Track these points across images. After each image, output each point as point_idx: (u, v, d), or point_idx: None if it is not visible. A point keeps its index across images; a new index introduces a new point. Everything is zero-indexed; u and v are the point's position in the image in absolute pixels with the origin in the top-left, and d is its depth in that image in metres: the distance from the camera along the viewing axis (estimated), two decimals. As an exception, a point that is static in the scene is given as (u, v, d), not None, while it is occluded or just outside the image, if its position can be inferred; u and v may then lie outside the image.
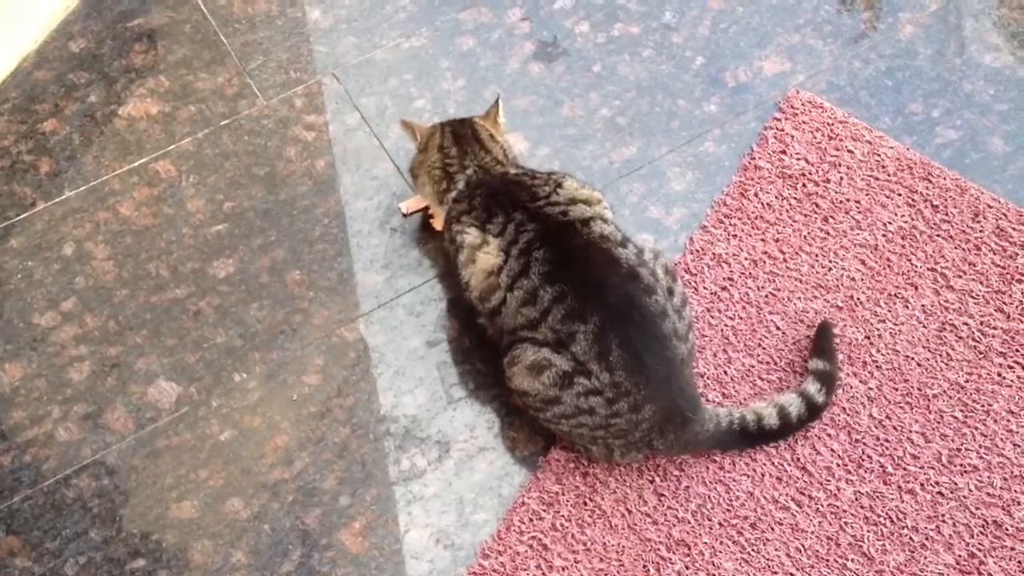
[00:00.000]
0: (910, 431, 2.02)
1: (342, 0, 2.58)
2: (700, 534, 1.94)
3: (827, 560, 1.91)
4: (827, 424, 2.03)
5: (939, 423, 2.03)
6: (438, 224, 2.22)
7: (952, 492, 1.96)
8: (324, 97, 2.45)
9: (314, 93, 2.45)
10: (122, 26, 2.53)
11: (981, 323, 2.12)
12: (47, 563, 1.95)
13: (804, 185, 2.29)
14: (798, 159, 2.32)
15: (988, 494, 1.96)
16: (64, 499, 2.01)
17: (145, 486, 2.02)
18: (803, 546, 1.92)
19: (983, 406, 2.04)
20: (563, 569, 1.92)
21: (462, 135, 2.15)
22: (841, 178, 2.29)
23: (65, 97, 2.44)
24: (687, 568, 1.91)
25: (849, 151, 2.32)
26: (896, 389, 2.06)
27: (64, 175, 2.35)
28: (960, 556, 1.90)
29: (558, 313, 1.88)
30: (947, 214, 2.24)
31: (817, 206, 2.26)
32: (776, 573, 1.90)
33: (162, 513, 2.00)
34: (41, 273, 2.24)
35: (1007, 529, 1.93)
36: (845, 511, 1.95)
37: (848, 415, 2.04)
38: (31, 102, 2.44)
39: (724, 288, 2.18)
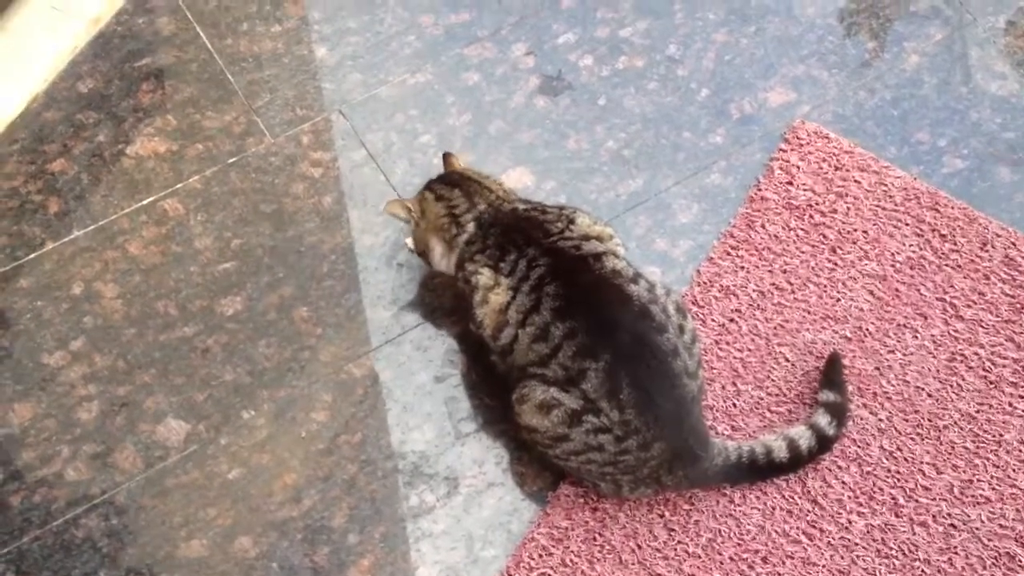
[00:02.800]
0: (921, 462, 2.01)
1: (348, 37, 2.59)
2: (711, 569, 1.93)
3: (839, 594, 1.90)
4: (838, 456, 2.02)
5: (950, 454, 2.02)
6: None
7: (964, 524, 1.95)
8: (331, 134, 2.46)
9: (321, 130, 2.47)
10: (130, 66, 2.55)
11: (992, 353, 2.11)
12: (56, 604, 1.95)
13: (811, 216, 2.29)
14: (804, 190, 2.32)
15: (1001, 525, 1.94)
16: (73, 539, 2.01)
17: (154, 525, 2.02)
18: (815, 580, 1.91)
19: (995, 436, 2.03)
20: (573, 605, 1.91)
21: (454, 180, 2.15)
22: (848, 208, 2.29)
23: (73, 137, 2.46)
24: (698, 603, 1.90)
25: (856, 181, 2.32)
26: (907, 420, 2.05)
27: (73, 215, 2.36)
28: (974, 589, 1.89)
29: (569, 350, 1.87)
30: (955, 243, 2.24)
31: (824, 237, 2.26)
32: (788, 608, 1.90)
33: (171, 552, 1.99)
34: (50, 313, 2.24)
35: (1020, 561, 1.91)
36: (857, 544, 1.94)
37: (859, 447, 2.03)
38: (40, 142, 2.45)
39: (732, 320, 2.18)
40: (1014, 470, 1.99)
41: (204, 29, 2.59)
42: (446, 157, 2.22)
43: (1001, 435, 2.03)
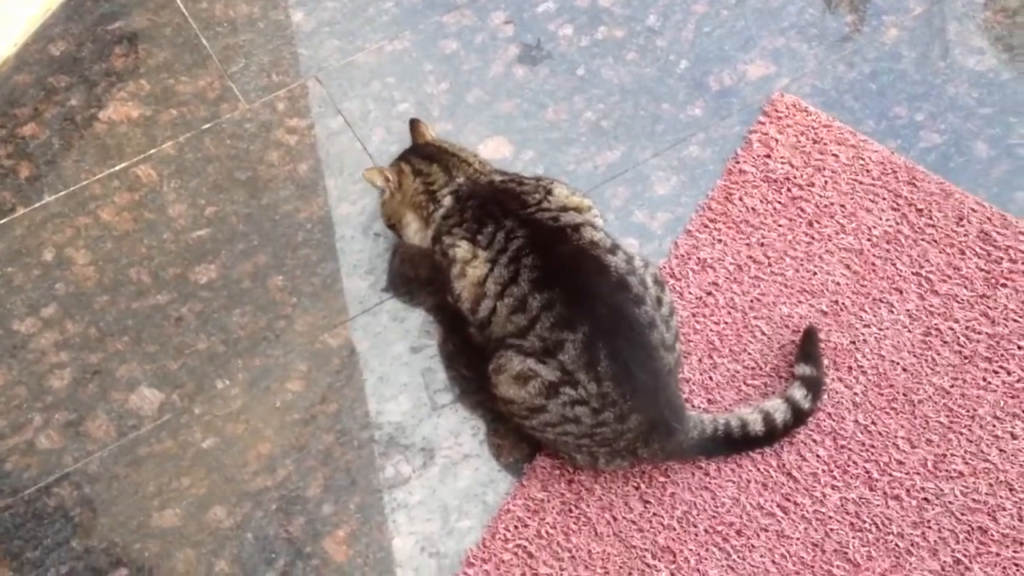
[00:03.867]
0: (895, 437, 2.02)
1: (325, 3, 2.56)
2: (686, 541, 1.94)
3: (812, 567, 1.91)
4: (812, 430, 2.03)
5: (924, 428, 2.03)
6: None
7: (938, 498, 1.96)
8: (307, 100, 2.44)
9: (297, 96, 2.44)
10: (102, 29, 2.51)
11: (966, 328, 2.12)
12: (28, 573, 1.93)
13: (789, 189, 2.28)
14: (782, 163, 2.31)
15: (974, 500, 1.96)
16: (45, 508, 1.99)
17: (127, 495, 2.01)
18: (788, 552, 1.92)
19: (968, 411, 2.04)
20: (549, 577, 1.91)
21: (431, 153, 2.13)
22: (826, 182, 2.29)
23: (45, 101, 2.42)
24: (673, 575, 1.91)
25: (833, 155, 2.32)
26: (881, 394, 2.06)
27: (44, 180, 2.33)
28: (946, 562, 1.90)
29: (547, 321, 1.87)
30: (931, 218, 2.24)
31: (802, 210, 2.26)
32: (762, 580, 1.91)
33: (144, 522, 1.98)
34: (21, 279, 2.21)
35: (992, 535, 1.93)
36: (831, 517, 1.95)
37: (833, 421, 2.04)
38: (10, 106, 2.41)
39: (709, 293, 2.18)
40: (987, 445, 2.01)
41: (178, -8, 2.56)
42: (414, 124, 2.19)
43: (975, 410, 2.04)
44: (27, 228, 2.27)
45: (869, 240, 2.22)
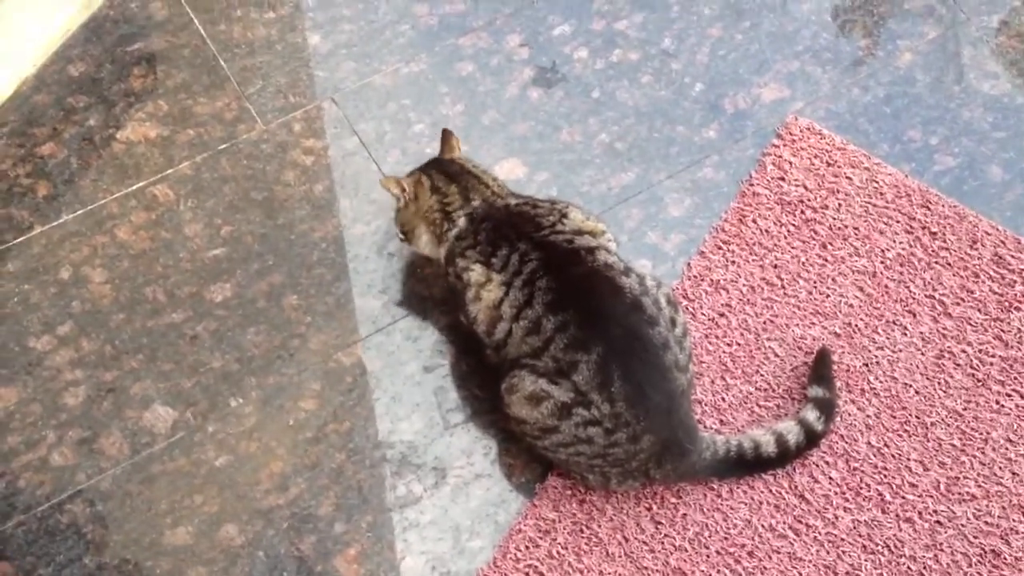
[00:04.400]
0: (908, 459, 2.01)
1: (341, 25, 2.58)
2: (697, 562, 1.93)
3: (825, 589, 1.90)
4: (825, 452, 2.03)
5: (937, 451, 2.02)
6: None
7: (950, 521, 1.96)
8: (323, 122, 2.45)
9: (313, 118, 2.46)
10: (121, 50, 2.53)
11: (979, 351, 2.12)
12: (40, 589, 1.95)
13: (802, 212, 2.29)
14: (796, 186, 2.32)
15: (986, 523, 1.95)
16: (58, 525, 2.00)
17: (139, 512, 2.01)
18: (801, 575, 1.91)
19: (981, 434, 2.03)
20: (559, 597, 1.91)
21: (453, 172, 2.13)
22: (839, 205, 2.29)
23: (63, 121, 2.44)
24: (684, 597, 1.90)
25: (847, 178, 2.32)
26: (894, 417, 2.06)
27: (62, 199, 2.35)
28: (959, 586, 1.90)
29: (560, 342, 1.87)
30: (945, 241, 2.24)
31: (815, 233, 2.26)
32: (774, 602, 1.90)
33: (156, 539, 1.99)
34: (37, 297, 2.23)
35: (1005, 558, 1.92)
36: (843, 539, 1.94)
37: (846, 443, 2.03)
38: (29, 125, 2.44)
39: (722, 314, 2.18)
40: (1000, 468, 2.00)
41: (197, 14, 2.58)
42: (446, 136, 2.20)
43: (988, 433, 2.03)
44: (44, 246, 2.29)
45: (883, 263, 2.22)
